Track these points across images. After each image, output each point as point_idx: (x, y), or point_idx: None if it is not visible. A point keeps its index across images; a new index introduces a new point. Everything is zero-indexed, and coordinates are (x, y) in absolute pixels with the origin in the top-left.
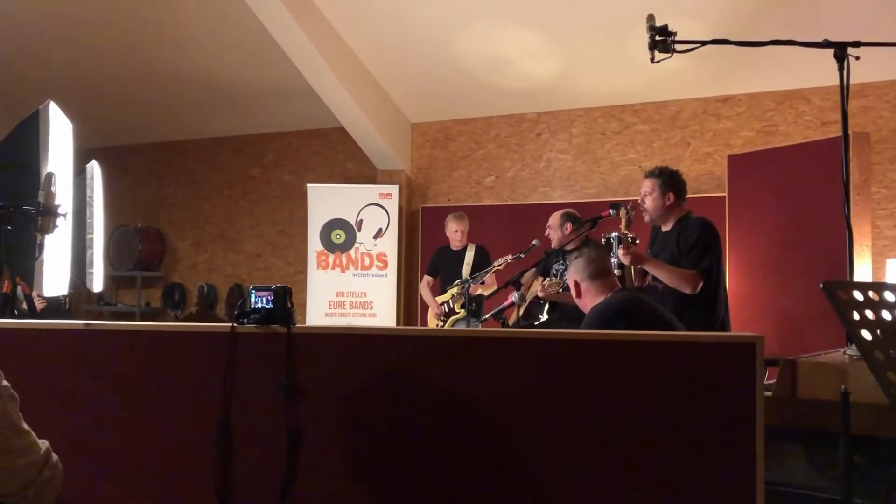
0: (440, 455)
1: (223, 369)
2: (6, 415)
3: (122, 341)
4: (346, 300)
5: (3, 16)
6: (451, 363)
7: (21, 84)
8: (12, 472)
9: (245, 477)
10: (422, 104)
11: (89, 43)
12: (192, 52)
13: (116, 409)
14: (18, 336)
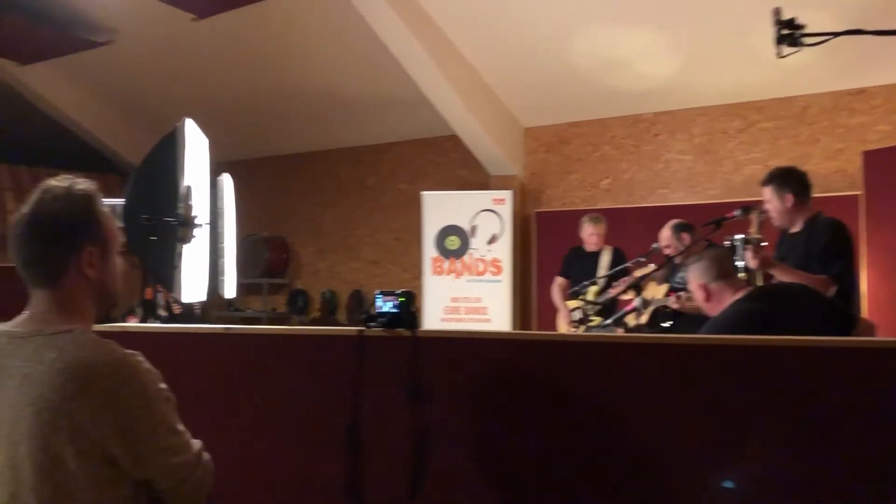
0: (566, 459)
1: (351, 372)
2: (163, 415)
3: (257, 344)
4: (460, 305)
5: (143, 40)
6: (576, 367)
7: (160, 102)
8: (168, 469)
9: (374, 478)
10: (535, 108)
11: (223, 61)
12: (314, 67)
13: (252, 410)
14: (164, 339)
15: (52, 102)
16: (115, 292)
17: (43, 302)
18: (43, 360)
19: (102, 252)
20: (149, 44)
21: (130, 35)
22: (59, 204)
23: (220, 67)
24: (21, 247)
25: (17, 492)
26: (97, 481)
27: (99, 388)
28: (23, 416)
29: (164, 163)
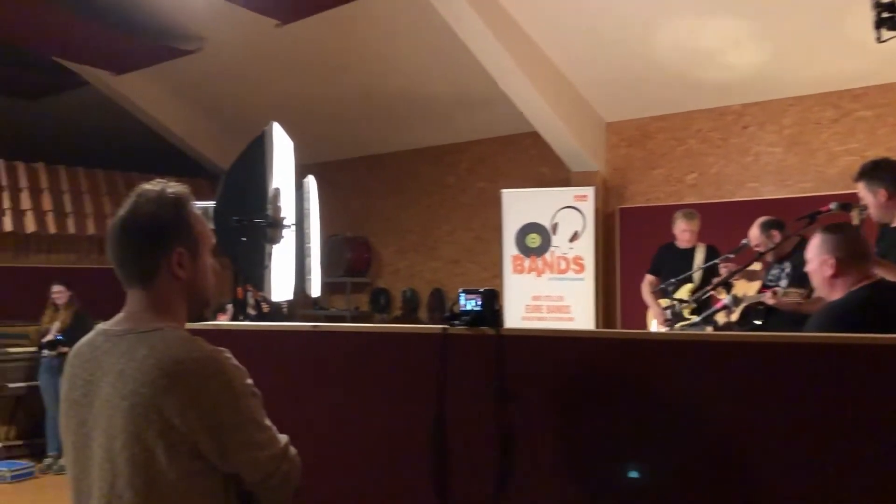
0: (655, 461)
1: (435, 370)
2: (249, 410)
3: (343, 342)
4: (542, 304)
5: (229, 47)
6: (664, 367)
7: (246, 107)
8: (255, 463)
9: (459, 478)
10: (617, 103)
11: (305, 65)
12: (394, 67)
13: (337, 406)
14: (255, 337)
15: (144, 110)
16: (207, 292)
17: (137, 301)
18: (135, 356)
19: (192, 253)
20: (235, 50)
21: (217, 43)
22: (151, 207)
23: (302, 71)
24: (116, 248)
25: (114, 483)
26: (187, 474)
27: (186, 384)
28: (117, 411)
29: (253, 166)
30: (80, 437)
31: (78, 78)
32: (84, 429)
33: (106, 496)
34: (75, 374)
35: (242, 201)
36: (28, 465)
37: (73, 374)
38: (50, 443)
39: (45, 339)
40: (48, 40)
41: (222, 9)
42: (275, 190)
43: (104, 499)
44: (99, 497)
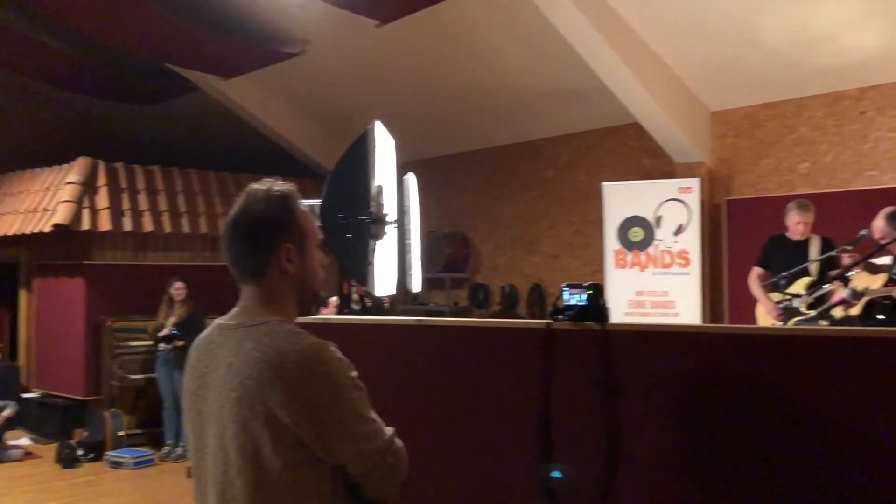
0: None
1: (539, 365)
2: (352, 403)
3: (447, 336)
4: (646, 299)
5: (331, 49)
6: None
7: (348, 107)
8: (358, 456)
9: None
10: (723, 91)
11: (405, 64)
12: (492, 63)
13: (442, 400)
14: (360, 331)
15: (252, 112)
16: (315, 286)
17: (249, 296)
18: (243, 349)
19: (300, 248)
20: (336, 52)
21: (320, 45)
22: (259, 205)
23: (402, 70)
24: (229, 246)
25: (227, 470)
26: (292, 465)
27: (289, 376)
28: (227, 402)
29: (356, 164)
30: (197, 427)
31: (189, 83)
32: (200, 418)
33: (220, 483)
34: (194, 366)
35: (347, 199)
36: (148, 452)
37: (192, 366)
38: (167, 432)
39: (161, 334)
40: (161, 48)
41: (324, 11)
42: (378, 187)
43: (219, 485)
44: (214, 484)
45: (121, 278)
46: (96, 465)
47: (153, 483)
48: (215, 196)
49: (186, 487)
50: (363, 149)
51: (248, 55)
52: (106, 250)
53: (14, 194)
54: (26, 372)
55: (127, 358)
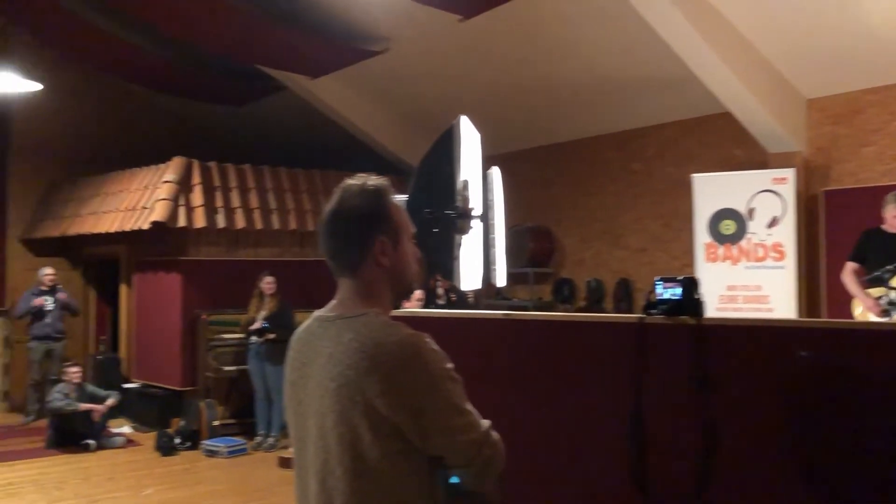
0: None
1: (631, 359)
2: (448, 394)
3: (536, 330)
4: (738, 294)
5: (414, 45)
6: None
7: (431, 103)
8: (455, 447)
9: (659, 470)
10: (820, 77)
11: (489, 58)
12: (576, 54)
13: (531, 394)
14: (449, 324)
15: (338, 111)
16: (409, 278)
17: (346, 289)
18: (342, 340)
19: (394, 241)
20: (420, 48)
21: (403, 42)
22: (355, 200)
23: (485, 64)
24: (326, 240)
25: (327, 459)
26: (391, 454)
27: (386, 366)
28: (327, 392)
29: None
30: (298, 416)
31: (278, 83)
32: (301, 408)
33: (321, 471)
34: (294, 357)
35: (433, 193)
36: (241, 442)
37: (292, 357)
38: (259, 422)
39: (252, 327)
40: (251, 50)
41: (407, 8)
42: (463, 181)
43: (319, 474)
44: (315, 472)
45: (214, 273)
46: (192, 454)
47: (246, 471)
48: (303, 193)
49: (278, 476)
50: (449, 143)
51: (335, 54)
52: (201, 246)
53: (115, 193)
54: (127, 363)
55: (220, 350)
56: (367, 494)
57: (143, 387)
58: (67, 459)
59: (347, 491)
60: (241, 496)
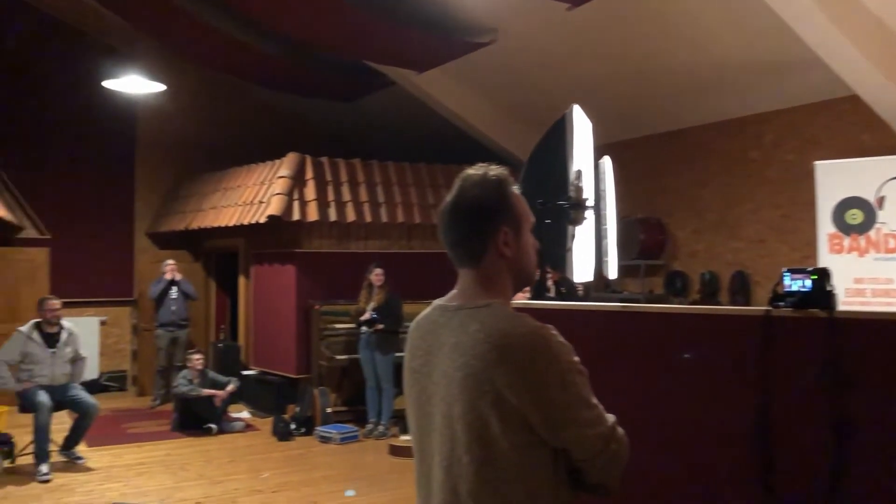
0: None
1: (757, 354)
2: (575, 387)
3: (656, 322)
4: (866, 287)
5: (521, 36)
6: None
7: (538, 94)
8: (581, 440)
9: (788, 468)
10: None
11: (597, 46)
12: (689, 38)
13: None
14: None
15: (445, 104)
16: (530, 269)
17: (468, 279)
18: (467, 330)
19: (516, 231)
20: (527, 38)
21: (510, 32)
22: (476, 190)
23: (593, 52)
24: (447, 231)
25: (454, 447)
26: (519, 445)
27: (515, 358)
28: (453, 381)
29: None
30: (421, 404)
31: (386, 79)
32: (425, 395)
33: (447, 458)
34: (416, 345)
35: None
36: (353, 429)
37: (413, 345)
38: (370, 410)
39: (362, 318)
40: (360, 46)
41: None
42: (577, 171)
43: (445, 461)
44: (440, 459)
45: (326, 265)
46: (307, 439)
47: (358, 458)
48: (411, 186)
49: (390, 464)
50: (561, 133)
51: (441, 48)
52: (313, 239)
53: (233, 189)
54: (245, 351)
55: (332, 339)
56: (493, 483)
57: (260, 374)
58: (191, 442)
59: (474, 479)
60: (354, 482)
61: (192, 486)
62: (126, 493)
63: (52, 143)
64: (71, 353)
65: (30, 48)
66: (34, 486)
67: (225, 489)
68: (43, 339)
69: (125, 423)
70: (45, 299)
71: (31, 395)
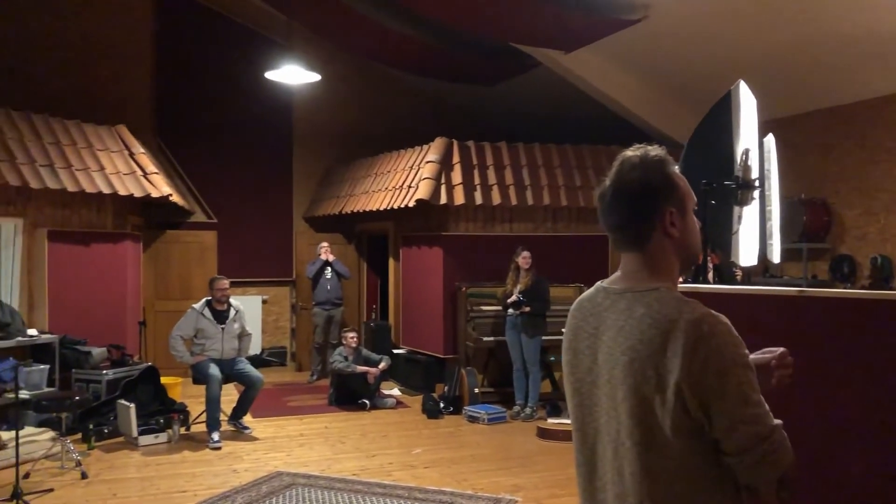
0: None
1: None
2: (736, 380)
3: (835, 308)
4: None
5: (674, 11)
6: None
7: (691, 71)
8: (733, 435)
9: None
10: None
11: (756, 18)
12: (855, 5)
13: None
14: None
15: (593, 84)
16: (696, 250)
17: (633, 263)
18: (633, 314)
19: (681, 212)
20: (681, 13)
21: (662, 8)
22: (637, 172)
23: (752, 25)
24: (608, 215)
25: (619, 430)
26: (681, 432)
27: (679, 344)
28: (617, 364)
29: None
30: (584, 385)
31: (532, 60)
32: (589, 377)
33: (613, 441)
34: (578, 325)
35: (708, 164)
36: (501, 410)
37: (576, 325)
38: (517, 392)
39: (509, 301)
40: (505, 28)
41: None
42: (745, 150)
43: (612, 443)
44: (608, 441)
45: (473, 248)
46: (455, 418)
47: (506, 438)
48: (557, 168)
49: (538, 446)
50: (726, 110)
51: (589, 26)
52: (460, 222)
53: (384, 174)
54: (395, 330)
55: (479, 321)
56: (655, 469)
57: (409, 353)
58: (347, 416)
59: (637, 463)
60: (502, 462)
61: (349, 457)
62: (289, 462)
63: (218, 133)
64: (238, 329)
65: (196, 43)
66: (207, 452)
67: (380, 462)
68: (213, 316)
69: (286, 397)
70: (215, 279)
71: (204, 368)
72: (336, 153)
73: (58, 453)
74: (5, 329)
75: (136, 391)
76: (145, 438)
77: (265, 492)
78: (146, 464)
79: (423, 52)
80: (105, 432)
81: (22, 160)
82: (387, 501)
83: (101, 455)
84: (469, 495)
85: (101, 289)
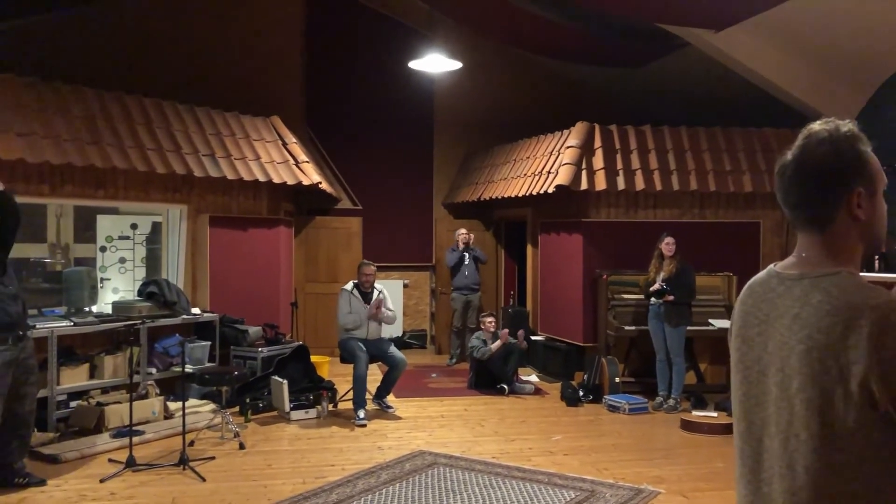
0: None
1: None
2: None
3: None
4: None
5: None
6: None
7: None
8: None
9: None
10: None
11: None
12: None
13: None
14: None
15: (744, 63)
16: (882, 235)
17: (811, 245)
18: (810, 301)
19: (871, 193)
20: None
21: None
22: (825, 147)
23: None
24: (789, 191)
25: (791, 421)
26: (865, 424)
27: (863, 332)
28: (792, 353)
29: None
30: (753, 373)
31: (678, 41)
32: (758, 366)
33: (783, 432)
34: (748, 312)
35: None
36: (642, 400)
37: (746, 311)
38: (660, 383)
39: (652, 289)
40: (652, 7)
41: None
42: None
43: (781, 434)
44: (776, 433)
45: (614, 234)
46: (595, 407)
47: (648, 429)
48: (704, 152)
49: (681, 438)
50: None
51: (741, 3)
52: (601, 208)
53: (523, 160)
54: (533, 317)
55: (620, 310)
56: (833, 463)
57: (547, 340)
58: (486, 400)
59: (812, 457)
60: (643, 452)
61: (489, 441)
62: (431, 442)
63: (362, 123)
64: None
65: (343, 36)
66: (353, 428)
67: (519, 447)
68: (361, 296)
69: (426, 378)
70: (363, 264)
71: (351, 348)
72: (476, 140)
73: (218, 424)
74: (172, 308)
75: (287, 368)
76: (296, 413)
77: (408, 469)
78: (297, 437)
79: (566, 37)
80: (260, 406)
81: (187, 150)
82: (527, 486)
83: (257, 427)
84: (610, 484)
85: (256, 271)
